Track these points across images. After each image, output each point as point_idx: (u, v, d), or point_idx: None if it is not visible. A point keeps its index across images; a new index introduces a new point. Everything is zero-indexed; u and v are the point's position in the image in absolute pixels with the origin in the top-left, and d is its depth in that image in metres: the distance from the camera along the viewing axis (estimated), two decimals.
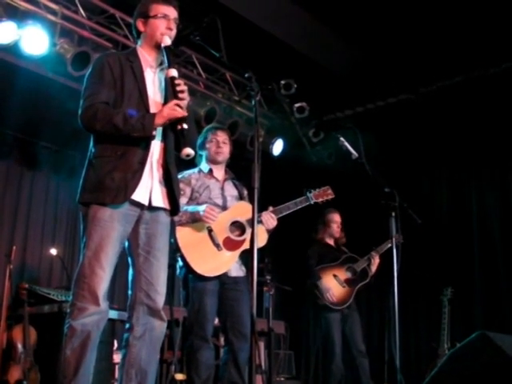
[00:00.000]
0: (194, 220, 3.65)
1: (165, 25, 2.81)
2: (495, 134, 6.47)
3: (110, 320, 4.47)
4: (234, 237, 3.74)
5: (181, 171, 3.72)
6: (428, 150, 6.95)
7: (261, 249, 3.02)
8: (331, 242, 5.38)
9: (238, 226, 3.78)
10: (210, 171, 3.92)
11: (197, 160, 3.96)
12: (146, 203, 2.72)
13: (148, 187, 2.73)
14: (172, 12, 2.85)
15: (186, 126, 2.66)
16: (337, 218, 5.34)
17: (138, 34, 2.91)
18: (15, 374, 4.57)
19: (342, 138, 3.83)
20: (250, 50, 5.48)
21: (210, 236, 3.69)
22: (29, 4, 4.81)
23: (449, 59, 5.97)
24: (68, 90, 5.11)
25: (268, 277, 4.63)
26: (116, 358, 4.66)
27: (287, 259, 6.78)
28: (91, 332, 2.57)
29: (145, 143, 2.70)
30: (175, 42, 2.86)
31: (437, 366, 2.73)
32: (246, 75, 2.77)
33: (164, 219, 2.82)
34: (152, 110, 2.74)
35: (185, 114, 2.66)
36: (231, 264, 3.73)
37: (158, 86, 2.86)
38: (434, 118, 6.54)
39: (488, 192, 6.58)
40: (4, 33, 4.65)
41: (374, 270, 5.11)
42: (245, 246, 3.72)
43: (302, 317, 6.66)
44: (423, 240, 6.30)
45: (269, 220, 3.77)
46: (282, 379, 6.25)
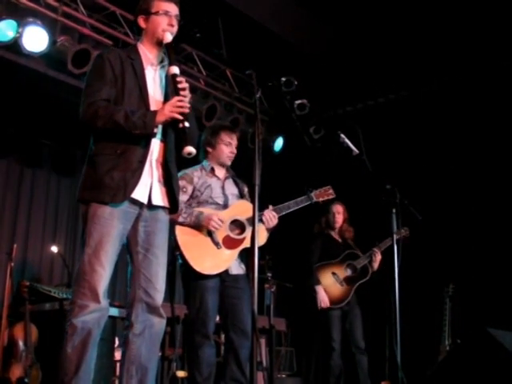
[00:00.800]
0: (199, 225, 3.65)
1: (166, 21, 2.81)
2: (496, 131, 6.45)
3: (111, 317, 4.47)
4: (234, 235, 3.73)
5: (182, 170, 3.71)
6: (429, 147, 6.93)
7: (261, 247, 3.01)
8: (336, 235, 5.30)
9: (237, 225, 3.77)
10: (212, 170, 3.91)
11: (200, 156, 3.93)
12: (145, 202, 2.72)
13: (147, 186, 2.72)
14: (173, 9, 2.85)
15: (187, 125, 2.65)
16: (337, 208, 5.25)
17: (139, 30, 2.90)
18: (16, 372, 4.58)
19: (342, 135, 3.81)
20: (251, 48, 5.48)
21: (210, 234, 3.68)
22: (29, 1, 4.82)
23: (449, 57, 5.96)
24: (68, 88, 5.11)
25: (269, 274, 4.62)
26: (117, 355, 4.66)
27: (288, 256, 6.77)
28: (92, 329, 2.57)
29: (145, 142, 2.70)
30: (176, 39, 2.86)
31: (438, 363, 2.74)
32: (247, 72, 2.77)
33: (163, 217, 2.82)
34: (152, 108, 2.73)
35: (186, 111, 2.65)
36: (230, 262, 3.72)
37: (158, 83, 2.85)
38: (435, 114, 6.53)
39: (489, 188, 6.57)
40: (4, 30, 4.65)
41: (376, 267, 5.05)
42: (244, 245, 3.71)
43: (302, 314, 6.65)
44: (424, 236, 6.28)
45: (270, 218, 3.75)
46: (284, 376, 6.24)
